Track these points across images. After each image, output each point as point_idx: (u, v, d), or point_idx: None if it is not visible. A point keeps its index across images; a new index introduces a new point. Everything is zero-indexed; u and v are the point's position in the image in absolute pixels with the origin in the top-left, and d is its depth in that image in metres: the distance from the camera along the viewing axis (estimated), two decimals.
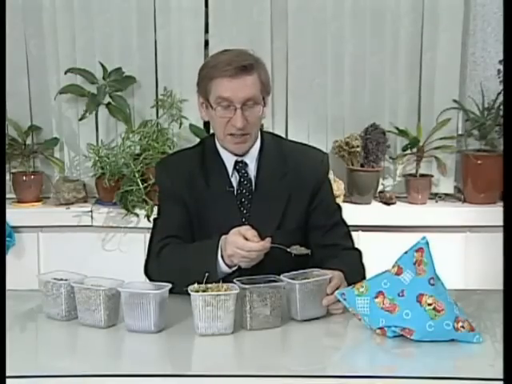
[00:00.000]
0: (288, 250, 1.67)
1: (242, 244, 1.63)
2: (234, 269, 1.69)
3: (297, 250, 1.69)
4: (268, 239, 1.64)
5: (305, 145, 2.01)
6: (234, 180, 1.85)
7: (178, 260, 1.73)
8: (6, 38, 2.81)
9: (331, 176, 2.94)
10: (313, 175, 1.87)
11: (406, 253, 1.57)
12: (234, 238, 1.64)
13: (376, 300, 1.54)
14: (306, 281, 1.61)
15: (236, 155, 1.84)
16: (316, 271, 1.67)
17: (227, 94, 1.75)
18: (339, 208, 1.98)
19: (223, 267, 1.68)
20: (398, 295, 1.53)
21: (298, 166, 1.86)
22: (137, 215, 2.84)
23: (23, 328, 1.63)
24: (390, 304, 1.52)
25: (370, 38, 3.02)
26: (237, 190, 1.84)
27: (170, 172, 1.89)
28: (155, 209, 2.60)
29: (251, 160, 1.85)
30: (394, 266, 1.57)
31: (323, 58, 3.04)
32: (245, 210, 1.83)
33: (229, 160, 1.85)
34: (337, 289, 1.62)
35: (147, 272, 1.82)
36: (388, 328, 1.52)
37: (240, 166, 1.85)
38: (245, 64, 1.75)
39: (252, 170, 1.85)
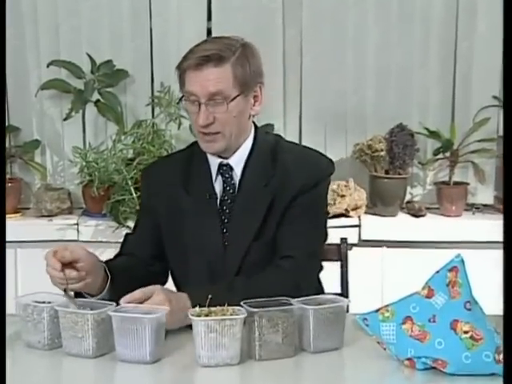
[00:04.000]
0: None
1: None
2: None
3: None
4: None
5: (307, 148, 2.01)
6: (218, 185, 1.90)
7: None
8: None
9: (351, 184, 2.99)
10: (299, 180, 1.85)
11: (437, 272, 1.58)
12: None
13: (403, 326, 1.54)
14: (321, 306, 1.61)
15: (220, 157, 1.89)
16: (331, 297, 1.69)
17: (191, 88, 1.80)
18: (317, 239, 1.91)
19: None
20: (429, 321, 1.53)
21: (287, 170, 1.87)
22: (129, 228, 2.85)
23: None
24: (419, 331, 1.53)
25: (397, 26, 3.04)
26: (220, 197, 1.89)
27: (149, 183, 1.99)
28: None
29: (237, 163, 1.89)
30: (423, 288, 1.58)
31: (342, 48, 3.06)
32: (226, 219, 1.88)
33: (213, 163, 1.90)
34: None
35: None
36: (417, 359, 1.52)
37: (224, 170, 1.89)
38: (207, 54, 1.77)
39: (237, 174, 1.89)
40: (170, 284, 1.96)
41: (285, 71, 3.08)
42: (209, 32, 3.06)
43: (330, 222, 1.99)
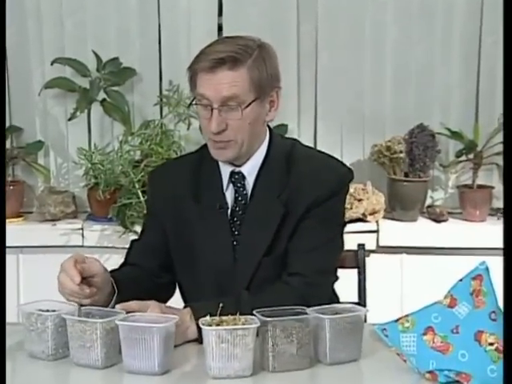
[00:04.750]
0: None
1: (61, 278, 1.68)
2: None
3: None
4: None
5: (325, 154, 1.94)
6: (229, 194, 1.88)
7: None
8: None
9: (369, 187, 2.98)
10: (314, 190, 1.82)
11: (460, 280, 1.57)
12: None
13: (425, 337, 1.54)
14: (338, 316, 1.61)
15: (232, 165, 1.86)
16: (348, 306, 1.68)
17: (203, 91, 1.77)
18: (331, 253, 1.87)
19: None
20: (452, 332, 1.52)
21: (301, 180, 1.84)
22: (136, 233, 2.86)
23: None
24: (441, 342, 1.52)
25: (417, 21, 3.04)
26: (231, 207, 1.87)
27: (155, 189, 1.97)
28: None
29: (250, 172, 1.86)
30: (446, 297, 1.57)
31: (360, 45, 3.06)
32: (236, 231, 1.86)
33: (224, 170, 1.88)
34: None
35: None
36: (440, 372, 1.52)
37: (236, 179, 1.87)
38: (222, 56, 1.73)
39: (250, 183, 1.87)
40: (177, 297, 1.97)
41: (299, 69, 3.09)
42: (220, 28, 3.07)
43: (347, 227, 1.98)
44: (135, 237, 2.83)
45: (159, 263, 1.92)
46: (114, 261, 2.89)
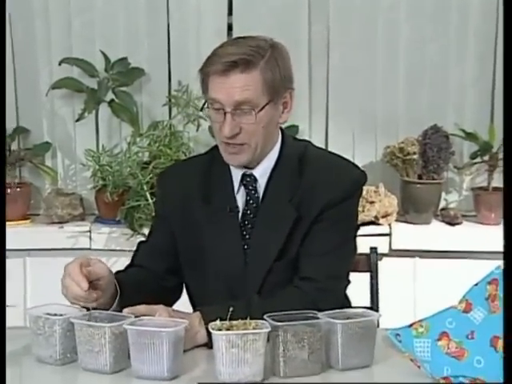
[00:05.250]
0: None
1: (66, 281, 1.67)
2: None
3: None
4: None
5: (338, 156, 1.93)
6: (240, 197, 1.87)
7: None
8: None
9: (381, 189, 2.98)
10: (326, 193, 1.81)
11: (476, 285, 1.57)
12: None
13: (439, 343, 1.53)
14: (350, 321, 1.61)
15: (244, 167, 1.86)
16: (360, 310, 1.68)
17: (215, 95, 1.76)
18: (343, 258, 1.87)
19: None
20: (467, 337, 1.52)
21: (314, 183, 1.84)
22: (145, 236, 2.86)
23: (6, 375, 1.63)
24: (456, 348, 1.52)
25: (431, 19, 3.03)
26: (242, 210, 1.86)
27: (164, 190, 1.97)
28: None
29: (262, 174, 1.86)
30: (461, 302, 1.57)
31: (372, 44, 3.06)
32: (247, 235, 1.86)
33: (236, 172, 1.87)
34: None
35: None
36: (454, 378, 1.51)
37: (248, 181, 1.87)
38: (234, 59, 1.72)
39: (262, 186, 1.86)
40: (184, 300, 1.97)
41: (310, 69, 3.09)
42: (229, 27, 3.07)
43: (359, 231, 1.97)
44: (143, 239, 2.86)
45: (166, 266, 1.92)
46: (122, 264, 2.85)
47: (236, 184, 1.87)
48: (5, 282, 1.84)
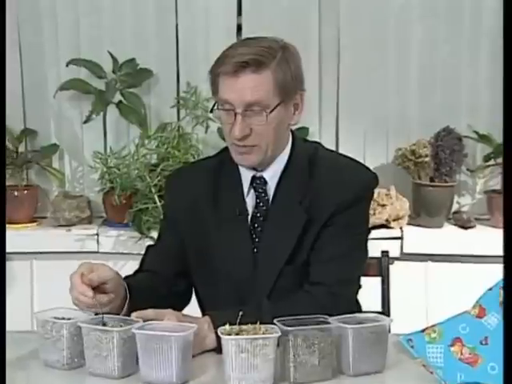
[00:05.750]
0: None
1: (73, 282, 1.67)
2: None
3: None
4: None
5: (349, 159, 1.93)
6: (250, 200, 1.87)
7: None
8: None
9: (393, 192, 2.97)
10: (337, 196, 1.81)
11: (489, 290, 1.57)
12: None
13: (452, 349, 1.53)
14: (362, 326, 1.60)
15: (254, 169, 1.86)
16: (372, 315, 1.67)
17: (226, 96, 1.76)
18: (354, 263, 1.86)
19: None
20: (481, 343, 1.52)
21: (324, 186, 1.83)
22: (153, 239, 2.87)
23: (13, 379, 1.63)
24: (470, 354, 1.51)
25: (443, 20, 3.03)
26: (252, 213, 1.86)
27: (173, 193, 1.98)
28: None
29: (272, 176, 1.86)
30: (474, 307, 1.56)
31: (383, 45, 3.05)
32: (257, 239, 1.86)
33: (245, 175, 1.87)
34: None
35: None
36: None
37: (257, 184, 1.87)
38: (246, 60, 1.72)
39: (271, 188, 1.86)
40: (193, 306, 1.97)
41: (320, 70, 3.09)
42: (239, 28, 3.08)
43: (370, 234, 1.97)
44: (151, 242, 2.86)
45: (176, 269, 1.92)
46: (130, 267, 2.87)
47: (246, 186, 1.87)
48: (5, 282, 1.84)
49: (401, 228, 2.98)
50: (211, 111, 1.83)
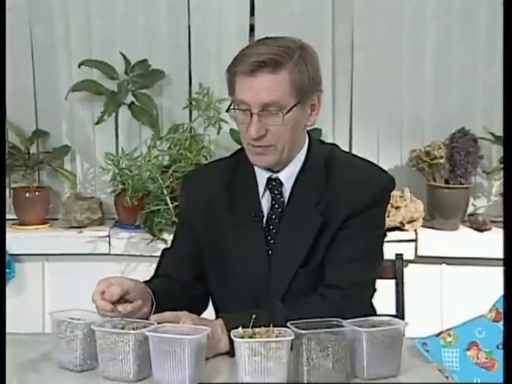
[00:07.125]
0: None
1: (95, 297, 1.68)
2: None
3: None
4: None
5: (365, 161, 1.92)
6: (265, 202, 1.87)
7: None
8: (7, 22, 2.88)
9: (407, 194, 2.97)
10: (353, 199, 1.81)
11: None
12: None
13: (468, 353, 1.52)
14: (376, 329, 1.60)
15: (269, 170, 1.86)
16: (386, 318, 1.67)
17: (242, 96, 1.76)
18: (370, 266, 1.86)
19: None
20: (497, 347, 1.51)
21: (340, 188, 1.83)
22: (165, 241, 2.88)
23: (25, 382, 1.64)
24: (486, 358, 1.51)
25: (459, 19, 3.02)
26: (267, 215, 1.87)
27: (189, 192, 1.97)
28: None
29: (288, 178, 1.86)
30: (490, 310, 1.56)
31: (398, 45, 3.05)
32: (272, 240, 1.86)
33: (261, 176, 1.88)
34: None
35: None
36: None
37: (273, 185, 1.87)
38: (263, 59, 1.72)
39: (287, 190, 1.86)
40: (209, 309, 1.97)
41: (334, 70, 3.08)
42: (251, 28, 3.08)
43: (386, 237, 1.97)
44: (163, 244, 2.87)
45: (194, 273, 1.92)
46: (142, 268, 2.93)
47: (261, 188, 1.87)
48: (5, 284, 1.85)
49: (415, 230, 2.97)
50: (227, 111, 1.83)
